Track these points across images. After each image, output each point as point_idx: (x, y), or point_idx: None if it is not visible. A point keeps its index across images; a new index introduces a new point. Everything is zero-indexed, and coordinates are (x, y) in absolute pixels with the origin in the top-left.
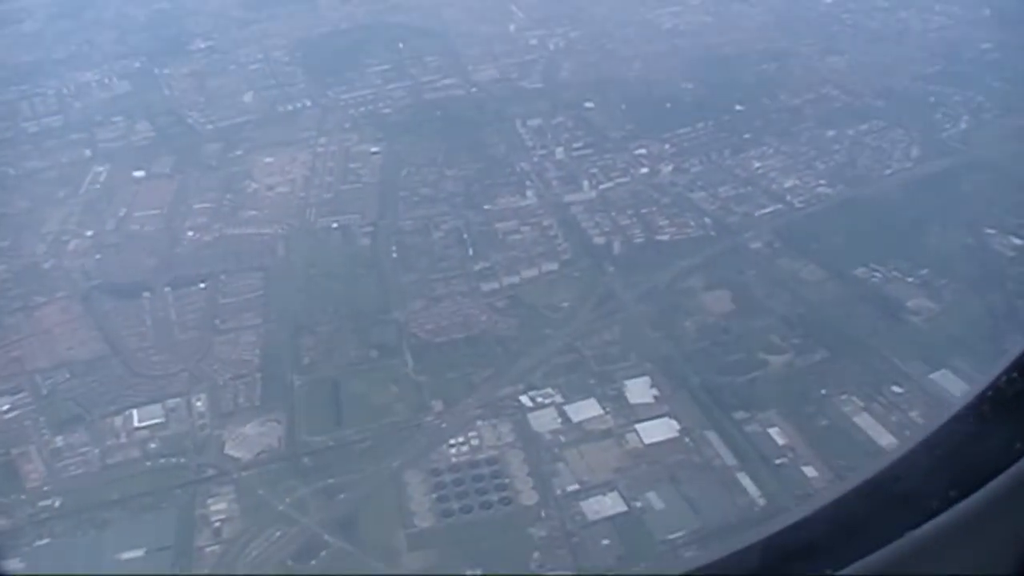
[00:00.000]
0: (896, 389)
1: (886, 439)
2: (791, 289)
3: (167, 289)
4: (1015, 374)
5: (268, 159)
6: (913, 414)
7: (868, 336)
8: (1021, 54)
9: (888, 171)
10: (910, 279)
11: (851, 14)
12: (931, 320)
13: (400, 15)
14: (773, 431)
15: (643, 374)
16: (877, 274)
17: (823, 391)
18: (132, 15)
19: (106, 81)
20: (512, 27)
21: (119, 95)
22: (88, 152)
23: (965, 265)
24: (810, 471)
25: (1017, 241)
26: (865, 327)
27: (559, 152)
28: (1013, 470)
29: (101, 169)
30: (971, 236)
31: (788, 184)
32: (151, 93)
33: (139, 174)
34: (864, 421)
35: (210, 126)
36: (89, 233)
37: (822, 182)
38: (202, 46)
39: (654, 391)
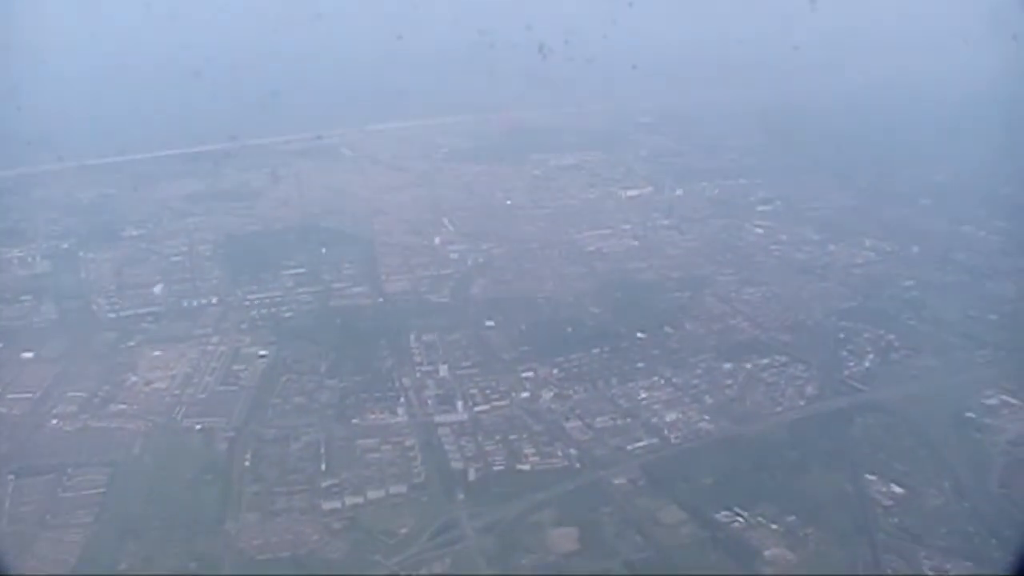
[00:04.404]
0: None
1: None
2: (644, 531)
3: (11, 477)
4: None
5: (157, 353)
6: None
7: None
8: (942, 293)
9: (778, 409)
10: (774, 526)
11: (780, 245)
12: (785, 573)
13: (333, 220)
14: None
15: None
16: (740, 519)
17: None
18: (78, 197)
19: (29, 259)
20: (438, 240)
21: (37, 274)
22: None
23: (836, 513)
24: None
25: (897, 489)
26: None
27: (443, 370)
28: None
29: None
30: (849, 482)
31: (669, 418)
32: (67, 276)
33: (27, 355)
34: None
35: (112, 314)
36: None
37: (706, 417)
38: (133, 233)
39: None
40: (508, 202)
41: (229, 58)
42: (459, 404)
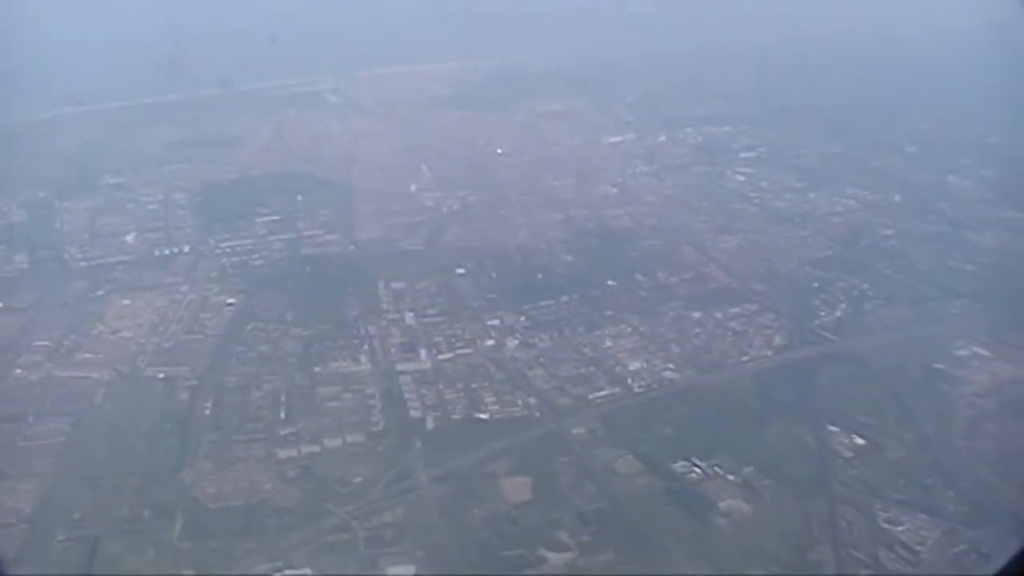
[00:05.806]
0: None
1: None
2: (600, 481)
3: None
4: None
5: (126, 302)
6: None
7: (664, 538)
8: (921, 243)
9: (745, 358)
10: (731, 477)
11: (760, 193)
12: (739, 524)
13: (312, 167)
14: None
15: (410, 562)
16: (697, 470)
17: None
18: (61, 146)
19: (5, 209)
20: (414, 187)
21: (12, 224)
22: None
23: (795, 465)
24: None
25: (859, 441)
26: (665, 528)
27: (409, 317)
28: None
29: None
30: (811, 433)
31: (633, 367)
32: (42, 225)
33: None
34: None
35: (84, 263)
36: None
37: (670, 366)
38: (111, 182)
39: None
40: (497, 150)
41: None
42: (423, 352)
